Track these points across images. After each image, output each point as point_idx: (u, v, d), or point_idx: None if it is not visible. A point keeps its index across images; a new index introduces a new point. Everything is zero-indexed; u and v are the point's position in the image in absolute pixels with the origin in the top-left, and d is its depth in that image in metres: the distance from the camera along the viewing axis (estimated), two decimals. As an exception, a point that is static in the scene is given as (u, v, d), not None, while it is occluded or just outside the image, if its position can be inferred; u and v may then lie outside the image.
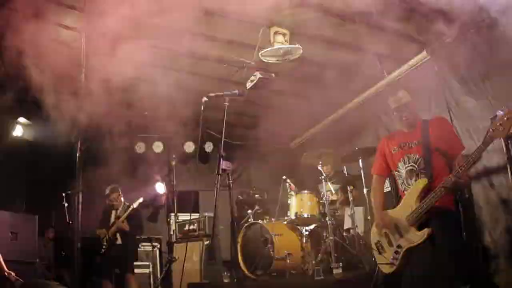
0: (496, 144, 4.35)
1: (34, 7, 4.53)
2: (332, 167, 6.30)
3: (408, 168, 3.13)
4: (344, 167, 6.02)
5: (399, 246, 2.98)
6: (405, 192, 3.13)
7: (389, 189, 4.57)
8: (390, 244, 3.06)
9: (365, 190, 5.19)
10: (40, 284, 5.40)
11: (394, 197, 4.29)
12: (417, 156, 3.09)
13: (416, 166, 3.08)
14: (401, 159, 3.18)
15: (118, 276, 6.02)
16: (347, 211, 5.44)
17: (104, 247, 5.79)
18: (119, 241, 5.84)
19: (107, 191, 6.06)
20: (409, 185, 3.11)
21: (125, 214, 5.88)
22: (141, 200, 6.07)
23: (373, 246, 3.23)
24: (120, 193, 6.10)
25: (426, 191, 2.96)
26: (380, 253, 3.15)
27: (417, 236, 2.90)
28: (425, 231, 2.88)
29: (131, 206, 5.94)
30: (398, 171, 3.21)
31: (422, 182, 2.99)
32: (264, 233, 5.58)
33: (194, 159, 8.59)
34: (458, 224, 2.99)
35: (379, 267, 3.19)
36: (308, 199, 5.54)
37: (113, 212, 6.00)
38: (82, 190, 5.95)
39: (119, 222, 5.79)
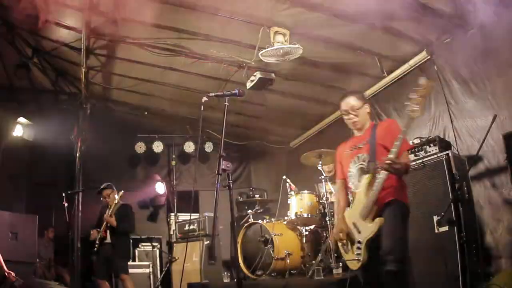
0: (496, 145, 4.38)
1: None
2: (333, 167, 6.30)
3: (358, 167, 3.26)
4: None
5: (359, 242, 3.12)
6: (356, 190, 3.26)
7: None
8: (352, 242, 3.20)
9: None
10: (40, 284, 5.39)
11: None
12: (365, 155, 3.22)
13: (365, 164, 3.22)
14: (352, 160, 3.32)
15: (115, 276, 5.97)
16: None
17: (96, 245, 5.74)
18: (108, 240, 5.79)
19: (101, 187, 6.02)
20: (360, 183, 3.23)
21: (112, 209, 5.77)
22: (121, 192, 5.97)
23: (340, 247, 3.36)
24: (114, 190, 6.02)
25: (372, 185, 3.09)
26: (346, 252, 3.28)
27: (370, 228, 3.05)
28: (377, 220, 3.03)
29: (115, 201, 5.84)
30: (350, 172, 3.34)
31: (368, 177, 3.14)
32: (264, 233, 5.58)
33: (194, 159, 8.57)
34: (403, 212, 3.12)
35: (348, 264, 3.29)
36: (308, 199, 5.54)
37: (107, 210, 5.95)
38: (83, 190, 5.99)
39: (106, 215, 5.73)
